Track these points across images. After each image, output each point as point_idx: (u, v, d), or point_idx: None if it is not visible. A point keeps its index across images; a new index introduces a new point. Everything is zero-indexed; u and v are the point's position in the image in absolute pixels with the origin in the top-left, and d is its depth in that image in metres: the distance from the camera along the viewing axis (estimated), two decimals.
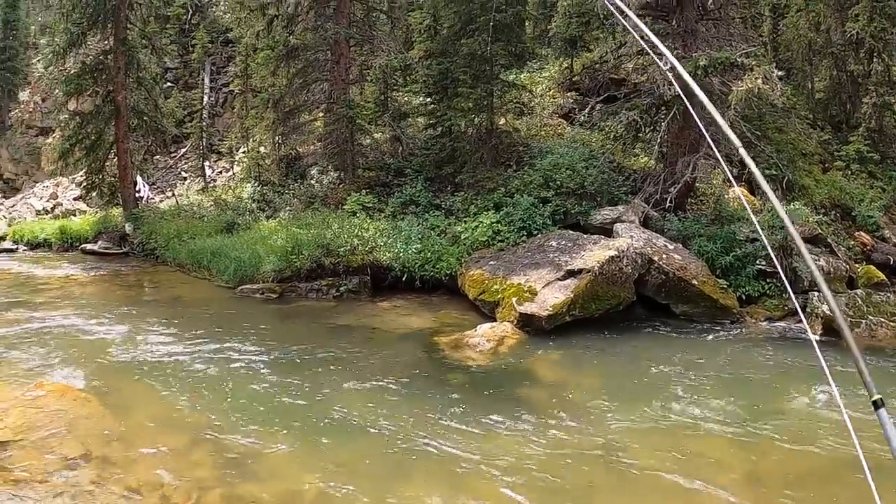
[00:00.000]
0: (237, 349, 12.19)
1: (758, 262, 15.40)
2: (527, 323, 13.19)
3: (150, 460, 8.00)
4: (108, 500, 7.11)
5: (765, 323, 14.51)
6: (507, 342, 12.61)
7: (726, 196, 18.22)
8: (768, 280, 15.33)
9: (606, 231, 15.91)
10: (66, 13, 23.51)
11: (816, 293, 14.40)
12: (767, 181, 12.48)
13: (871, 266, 16.54)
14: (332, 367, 11.32)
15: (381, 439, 8.69)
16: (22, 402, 9.11)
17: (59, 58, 23.79)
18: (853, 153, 20.20)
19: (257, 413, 9.42)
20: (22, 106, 37.66)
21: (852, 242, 17.40)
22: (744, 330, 14.10)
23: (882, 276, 16.17)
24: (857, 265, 16.42)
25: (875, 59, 20.91)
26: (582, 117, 20.83)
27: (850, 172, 20.04)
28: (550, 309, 13.09)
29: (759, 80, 14.36)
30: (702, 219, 16.74)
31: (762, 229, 15.86)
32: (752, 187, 19.41)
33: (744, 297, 15.06)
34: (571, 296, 13.31)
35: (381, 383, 10.63)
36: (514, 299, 13.48)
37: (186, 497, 7.30)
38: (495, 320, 13.76)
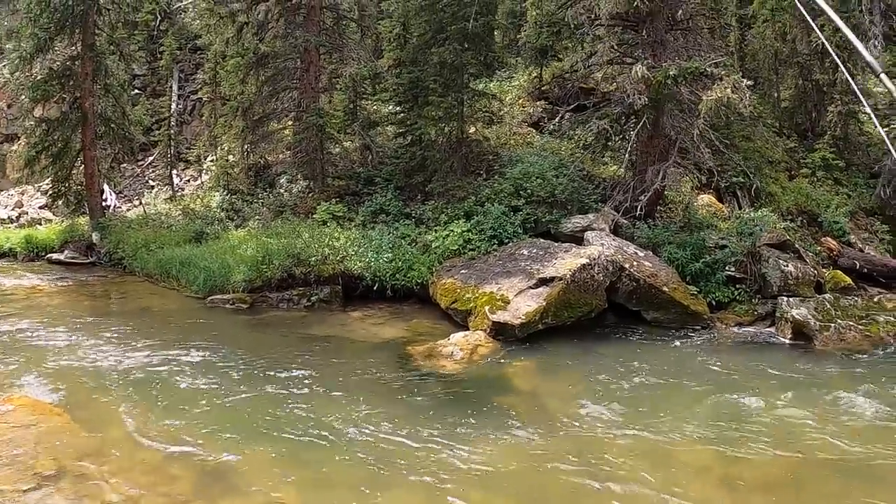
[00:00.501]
0: (208, 360, 12.06)
1: (727, 268, 15.56)
2: (500, 331, 13.20)
3: (127, 475, 7.87)
4: None
5: (735, 328, 14.68)
6: (481, 351, 12.62)
7: (695, 203, 18.38)
8: (737, 286, 15.51)
9: (577, 239, 15.96)
10: (34, 17, 23.09)
11: (786, 297, 14.66)
12: (736, 188, 12.66)
13: (838, 271, 16.74)
14: (305, 378, 11.23)
15: (357, 450, 8.66)
16: None
17: (26, 63, 23.35)
18: (819, 160, 20.45)
19: (232, 425, 9.33)
20: None
21: (819, 248, 17.57)
22: (714, 335, 14.24)
23: (849, 280, 16.39)
24: (824, 270, 16.61)
25: (840, 69, 21.18)
26: (552, 126, 20.88)
27: (815, 179, 20.28)
28: (523, 317, 13.11)
29: (729, 90, 14.50)
30: (671, 226, 16.85)
31: (731, 235, 16.25)
32: (720, 194, 19.62)
33: (714, 303, 15.23)
34: (544, 304, 13.35)
35: (355, 394, 10.58)
36: (486, 308, 13.49)
37: None
38: (468, 329, 13.74)
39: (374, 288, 16.04)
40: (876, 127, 22.65)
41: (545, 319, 13.38)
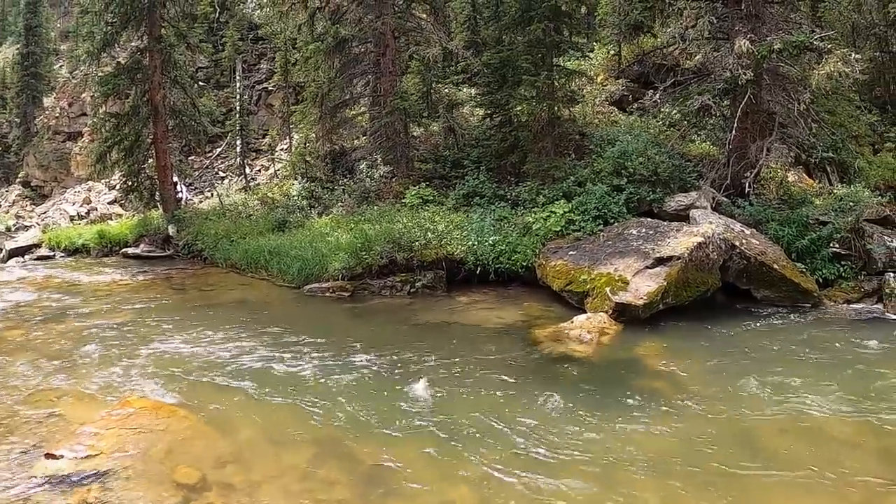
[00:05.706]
0: (325, 352, 11.65)
1: (832, 244, 15.27)
2: (622, 312, 12.96)
3: (278, 482, 7.35)
4: None
5: (844, 305, 14.42)
6: (608, 332, 12.39)
7: (788, 179, 18.06)
8: (842, 262, 15.22)
9: (681, 217, 15.72)
10: (99, 12, 23.15)
11: (892, 274, 14.40)
12: (826, 164, 12.30)
13: None
14: (437, 368, 10.85)
15: (515, 440, 8.30)
16: (112, 423, 8.44)
17: (94, 58, 23.44)
18: None
19: (373, 421, 8.87)
20: (48, 111, 37.19)
21: None
22: (826, 313, 13.98)
23: None
24: None
25: None
26: (643, 103, 20.51)
27: None
28: (645, 297, 12.87)
29: (840, 63, 14.20)
30: (771, 203, 16.56)
31: (830, 211, 15.97)
32: (810, 170, 19.26)
33: (820, 280, 14.94)
34: (664, 283, 13.10)
35: (494, 382, 10.25)
36: (607, 289, 13.22)
37: None
38: (584, 311, 13.51)
39: (477, 272, 15.84)
40: None
41: (665, 299, 13.13)
